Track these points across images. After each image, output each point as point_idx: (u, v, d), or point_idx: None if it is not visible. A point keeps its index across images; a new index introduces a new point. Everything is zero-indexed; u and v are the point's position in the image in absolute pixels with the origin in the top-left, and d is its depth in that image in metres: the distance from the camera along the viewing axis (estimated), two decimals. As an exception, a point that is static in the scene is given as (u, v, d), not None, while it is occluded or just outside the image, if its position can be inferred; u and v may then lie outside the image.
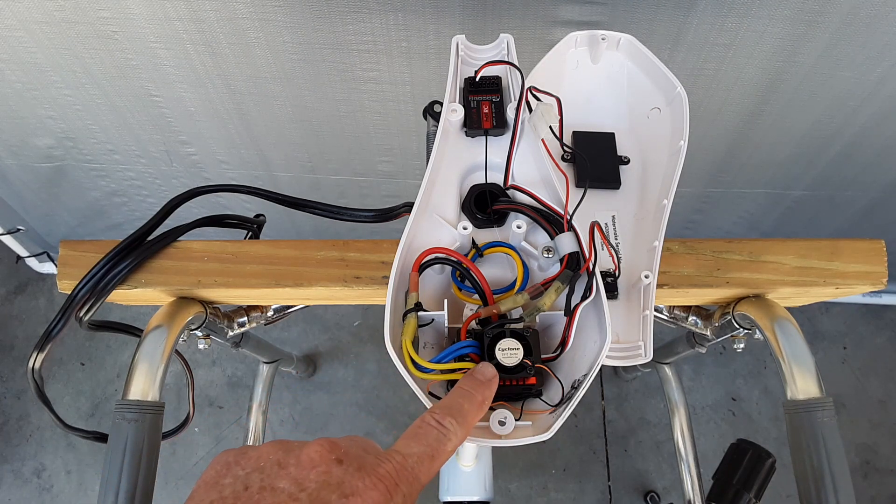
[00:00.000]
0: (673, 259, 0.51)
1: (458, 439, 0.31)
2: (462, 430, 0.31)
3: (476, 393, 0.33)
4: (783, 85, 0.78)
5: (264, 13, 0.69)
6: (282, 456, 0.28)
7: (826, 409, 0.46)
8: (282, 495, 0.26)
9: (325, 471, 0.27)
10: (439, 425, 0.31)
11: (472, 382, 0.34)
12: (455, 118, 0.44)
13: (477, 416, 0.33)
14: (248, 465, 0.28)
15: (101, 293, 0.48)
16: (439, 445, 0.30)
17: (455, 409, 0.32)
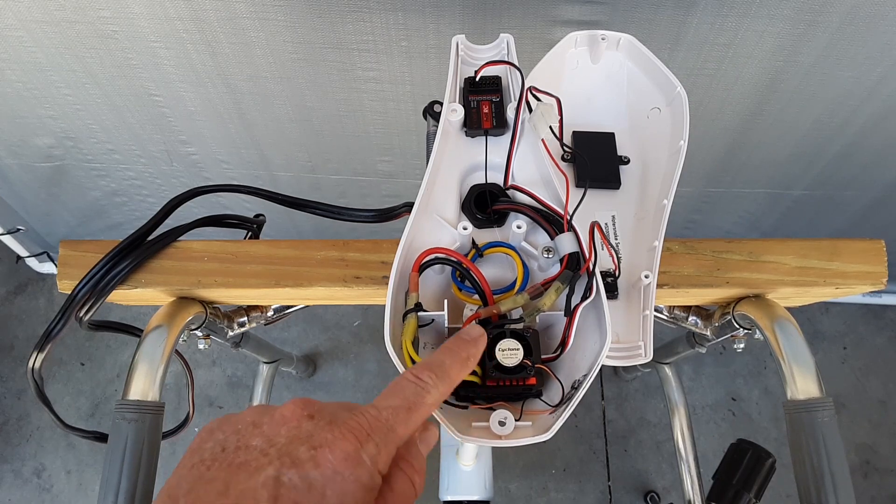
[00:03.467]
0: (673, 259, 0.51)
1: (439, 393, 0.31)
2: (442, 385, 0.31)
3: (460, 350, 0.33)
4: (783, 84, 0.78)
5: (264, 13, 0.69)
6: (257, 417, 0.29)
7: (826, 409, 0.46)
8: (254, 452, 0.27)
9: (296, 426, 0.28)
10: (417, 379, 0.31)
11: (457, 341, 0.34)
12: (455, 118, 0.44)
13: (460, 372, 0.32)
14: (227, 429, 0.29)
15: (101, 293, 0.48)
16: (416, 398, 0.30)
17: (435, 365, 0.31)
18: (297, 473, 0.26)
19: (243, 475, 0.26)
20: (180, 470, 0.28)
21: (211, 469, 0.27)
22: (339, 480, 0.26)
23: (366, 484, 0.27)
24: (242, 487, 0.26)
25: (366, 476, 0.27)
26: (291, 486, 0.25)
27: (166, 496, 0.27)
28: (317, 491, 0.26)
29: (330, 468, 0.26)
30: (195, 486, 0.26)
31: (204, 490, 0.26)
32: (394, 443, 0.28)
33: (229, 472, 0.26)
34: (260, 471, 0.26)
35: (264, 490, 0.25)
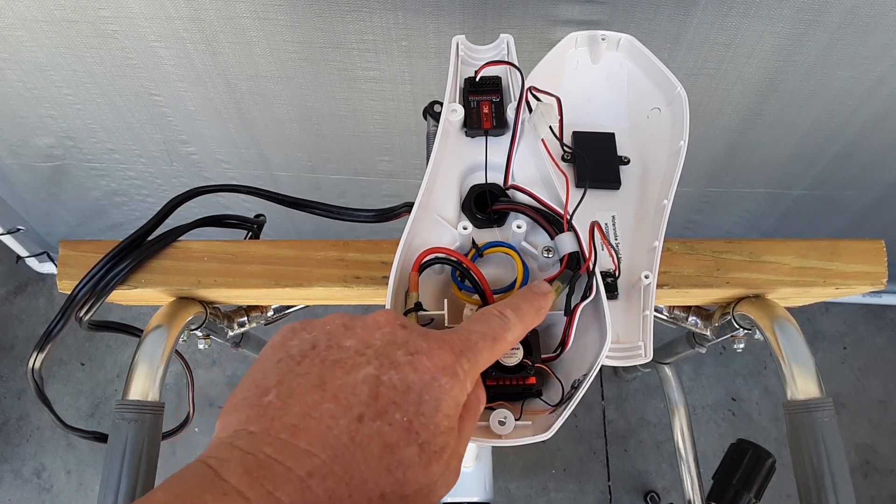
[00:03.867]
0: (673, 259, 0.51)
1: (517, 332, 0.32)
2: (520, 325, 0.32)
3: (534, 300, 0.34)
4: (783, 84, 0.78)
5: (264, 12, 0.69)
6: (348, 321, 0.29)
7: (826, 409, 0.46)
8: (349, 352, 0.27)
9: (391, 332, 0.28)
10: (500, 314, 0.31)
11: (530, 292, 0.34)
12: (455, 118, 0.44)
13: (533, 319, 0.33)
14: (314, 330, 0.29)
15: (101, 293, 0.48)
16: (500, 330, 0.31)
17: (514, 306, 0.32)
18: (397, 375, 0.26)
19: (340, 371, 0.26)
20: (264, 364, 0.28)
21: (301, 364, 0.27)
22: (435, 387, 0.27)
23: (456, 396, 0.27)
24: (340, 382, 0.26)
25: (458, 388, 0.27)
26: (391, 386, 0.26)
27: (253, 386, 0.27)
28: (414, 394, 0.26)
29: (428, 374, 0.27)
30: (285, 378, 0.27)
31: (297, 382, 0.26)
32: (479, 366, 0.29)
33: (323, 367, 0.27)
34: (358, 368, 0.26)
35: (364, 386, 0.26)
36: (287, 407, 0.25)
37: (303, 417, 0.25)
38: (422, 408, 0.26)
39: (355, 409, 0.25)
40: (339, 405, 0.25)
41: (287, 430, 0.24)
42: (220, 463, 0.24)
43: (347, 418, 0.25)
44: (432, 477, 0.26)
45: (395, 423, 0.25)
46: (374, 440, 0.25)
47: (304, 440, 0.24)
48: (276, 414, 0.25)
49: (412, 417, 0.26)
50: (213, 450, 0.25)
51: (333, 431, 0.25)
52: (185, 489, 0.23)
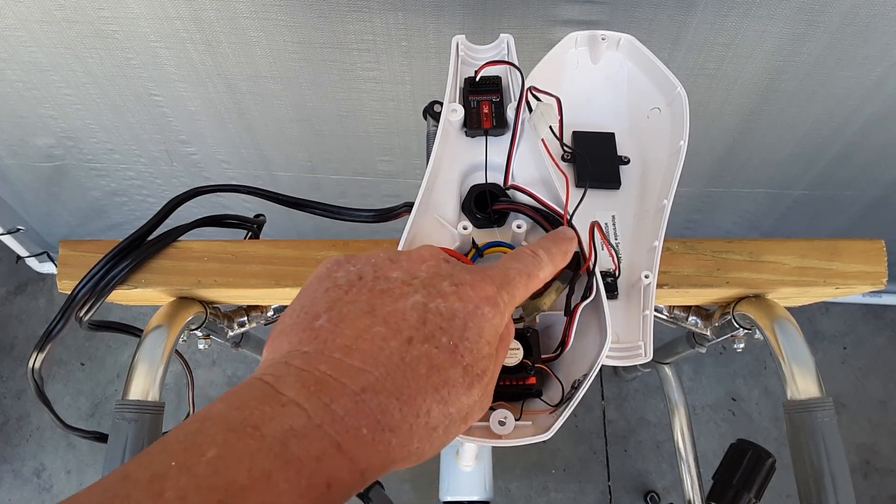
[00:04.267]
0: (673, 259, 0.51)
1: (548, 271, 0.33)
2: (551, 265, 0.33)
3: (561, 243, 0.35)
4: (783, 84, 0.78)
5: (264, 12, 0.69)
6: (392, 254, 0.30)
7: (826, 409, 0.46)
8: (395, 282, 0.28)
9: (435, 265, 0.30)
10: (533, 253, 0.33)
11: (557, 237, 0.36)
12: (455, 118, 0.44)
13: (562, 261, 0.35)
14: (359, 263, 0.30)
15: (101, 293, 0.48)
16: (534, 268, 0.32)
17: (545, 247, 0.34)
18: (443, 303, 0.28)
19: (388, 299, 0.27)
20: (311, 293, 0.29)
21: (349, 293, 0.28)
22: (479, 315, 0.28)
23: (496, 325, 0.29)
24: (390, 309, 0.27)
25: (498, 318, 0.29)
26: (437, 313, 0.27)
27: (302, 312, 0.28)
28: (459, 321, 0.27)
29: (472, 304, 0.28)
30: (335, 304, 0.28)
31: (347, 309, 0.27)
32: (516, 299, 0.31)
33: (371, 295, 0.28)
34: (406, 297, 0.28)
35: (413, 312, 0.27)
36: (339, 330, 0.26)
37: (355, 339, 0.26)
38: (466, 333, 0.27)
39: (405, 332, 0.26)
40: (390, 329, 0.26)
41: (340, 350, 0.26)
42: (276, 378, 0.24)
43: (398, 340, 0.26)
44: (473, 397, 0.28)
45: (442, 346, 0.27)
46: (423, 361, 0.26)
47: (357, 359, 0.25)
48: (328, 336, 0.26)
49: (457, 342, 0.27)
50: (268, 367, 0.26)
51: (385, 352, 0.26)
52: (244, 401, 0.24)
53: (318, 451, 0.23)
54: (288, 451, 0.22)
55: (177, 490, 0.20)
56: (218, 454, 0.21)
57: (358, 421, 0.24)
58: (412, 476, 1.32)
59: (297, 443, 0.22)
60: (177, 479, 0.21)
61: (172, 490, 0.20)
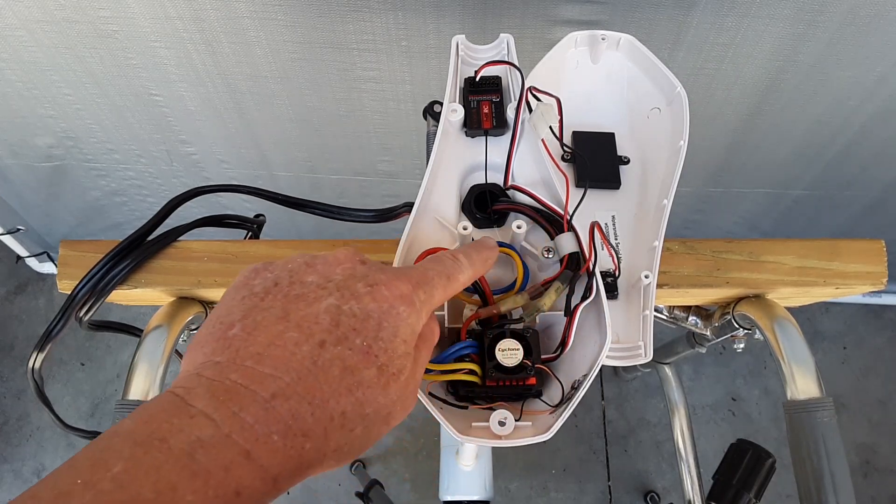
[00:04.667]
0: (673, 259, 0.51)
1: (468, 275, 0.34)
2: (471, 270, 0.34)
3: (481, 251, 0.36)
4: (783, 84, 0.78)
5: (264, 12, 0.69)
6: (309, 259, 0.31)
7: (826, 409, 0.46)
8: (310, 286, 0.29)
9: (351, 267, 0.30)
10: (453, 257, 0.34)
11: (478, 245, 0.37)
12: (455, 118, 0.44)
13: (482, 267, 0.36)
14: (276, 269, 0.30)
15: (101, 293, 0.48)
16: (453, 271, 0.33)
17: (465, 253, 0.35)
18: (357, 304, 0.28)
19: (302, 304, 0.28)
20: (228, 302, 0.29)
21: (265, 300, 0.28)
22: (393, 315, 0.28)
23: (413, 324, 0.29)
24: (303, 313, 0.27)
25: (414, 317, 0.29)
26: (351, 314, 0.27)
27: (217, 322, 0.28)
28: (374, 321, 0.28)
29: (387, 303, 0.28)
30: (250, 312, 0.28)
31: (261, 316, 0.27)
32: (434, 300, 0.31)
33: (286, 301, 0.28)
34: (320, 300, 0.28)
35: (326, 315, 0.27)
36: (252, 338, 0.26)
37: (267, 346, 0.26)
38: (380, 333, 0.28)
39: (317, 335, 0.27)
40: (302, 333, 0.27)
41: (252, 358, 0.26)
42: (186, 391, 0.24)
43: (310, 344, 0.26)
44: (390, 397, 0.28)
45: (356, 347, 0.27)
46: (336, 363, 0.26)
47: (268, 366, 0.25)
48: (241, 345, 0.26)
49: (371, 342, 0.27)
50: (180, 381, 0.26)
51: (297, 357, 0.26)
52: (152, 415, 0.24)
53: (227, 461, 0.23)
54: (195, 463, 0.22)
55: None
56: (124, 468, 0.21)
57: (268, 428, 0.24)
58: (412, 476, 1.32)
59: (204, 453, 0.22)
60: (82, 496, 0.21)
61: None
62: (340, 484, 1.32)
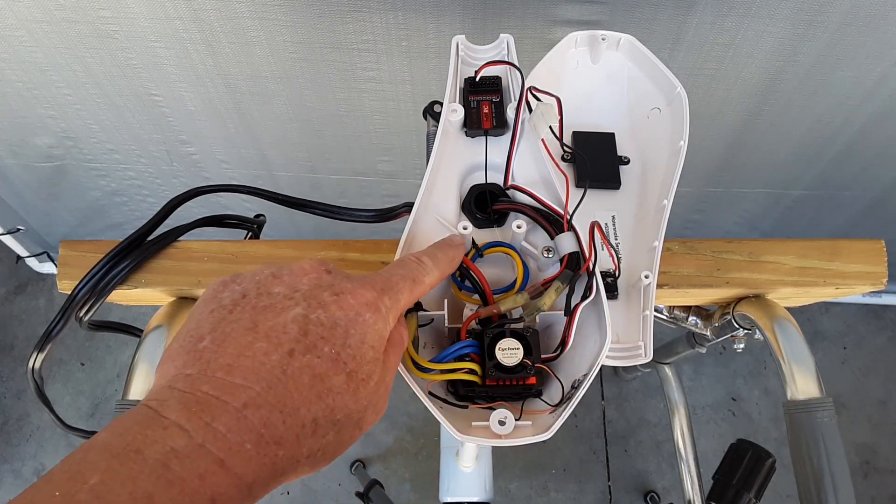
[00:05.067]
0: (673, 259, 0.51)
1: (434, 277, 0.35)
2: (436, 271, 0.35)
3: (447, 250, 0.37)
4: (783, 84, 0.78)
5: (264, 12, 0.69)
6: (275, 270, 0.31)
7: (826, 409, 0.46)
8: (278, 297, 0.29)
9: (317, 277, 0.30)
10: (417, 260, 0.34)
11: (444, 244, 0.38)
12: (455, 118, 0.44)
13: (447, 267, 0.36)
14: (243, 282, 0.31)
15: (101, 293, 0.48)
16: (418, 274, 0.34)
17: (430, 254, 0.36)
18: (324, 313, 0.28)
19: (270, 314, 0.28)
20: (197, 316, 0.29)
21: (234, 312, 0.29)
22: (360, 322, 0.29)
23: (380, 330, 0.30)
24: (271, 324, 0.28)
25: (381, 323, 0.30)
26: (318, 323, 0.28)
27: (188, 336, 0.28)
28: (341, 329, 0.28)
29: (353, 311, 0.29)
30: (219, 325, 0.28)
31: (230, 328, 0.28)
32: (400, 304, 0.32)
33: (254, 313, 0.28)
34: (287, 310, 0.28)
35: (294, 325, 0.28)
36: (221, 350, 0.27)
37: (237, 357, 0.26)
38: (348, 340, 0.28)
39: (286, 345, 0.27)
40: (271, 343, 0.27)
41: (222, 369, 0.26)
42: (159, 403, 0.25)
43: (279, 354, 0.27)
44: (360, 402, 0.28)
45: (324, 355, 0.27)
46: (305, 371, 0.27)
47: (238, 376, 0.26)
48: (211, 357, 0.27)
49: (339, 350, 0.28)
50: (153, 394, 0.26)
51: (266, 366, 0.26)
52: (127, 427, 0.24)
53: (201, 470, 0.23)
54: (170, 472, 0.23)
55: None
56: (100, 480, 0.22)
57: (241, 437, 0.24)
58: (412, 476, 1.32)
59: (178, 463, 0.23)
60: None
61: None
62: (340, 484, 1.32)
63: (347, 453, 1.33)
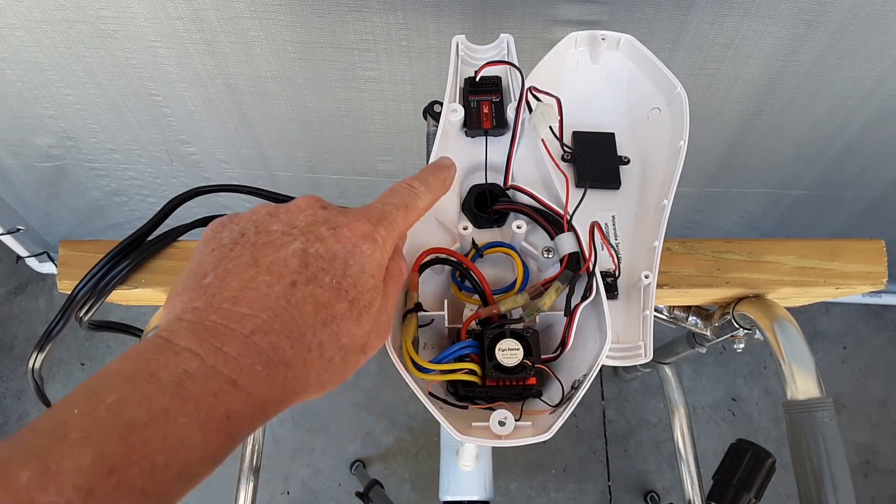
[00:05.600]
0: (673, 259, 0.51)
1: (426, 200, 0.36)
2: (429, 195, 0.36)
3: (438, 173, 0.38)
4: (783, 84, 0.78)
5: (264, 12, 0.69)
6: (272, 209, 0.32)
7: (826, 409, 0.46)
8: (276, 234, 0.30)
9: (312, 213, 0.31)
10: (409, 186, 0.35)
11: (435, 167, 0.38)
12: (455, 118, 0.44)
13: (439, 190, 0.37)
14: (241, 221, 0.31)
15: (101, 293, 0.48)
16: (411, 200, 0.34)
17: (421, 179, 0.36)
18: (322, 246, 0.29)
19: (270, 250, 0.29)
20: (198, 256, 0.30)
21: (234, 250, 0.30)
22: (358, 253, 0.30)
23: (378, 259, 0.31)
24: (272, 258, 0.29)
25: (378, 252, 0.31)
26: (318, 256, 0.29)
27: (191, 274, 0.29)
28: (340, 260, 0.29)
29: (350, 243, 0.30)
30: (220, 262, 0.29)
31: (232, 264, 0.29)
32: (396, 233, 0.33)
33: (254, 249, 0.29)
34: (286, 245, 0.29)
35: (294, 258, 0.29)
36: (225, 284, 0.28)
37: (241, 290, 0.27)
38: (347, 271, 0.29)
39: (288, 277, 0.28)
40: (273, 276, 0.28)
41: (228, 301, 0.27)
42: (169, 333, 0.26)
43: (282, 285, 0.28)
44: (364, 328, 0.30)
45: (325, 285, 0.28)
46: (308, 301, 0.28)
47: (244, 306, 0.27)
48: (216, 290, 0.28)
49: (340, 279, 0.29)
50: (162, 327, 0.27)
51: (270, 297, 0.27)
52: (139, 354, 0.25)
53: (215, 389, 0.24)
54: (184, 391, 0.24)
55: (80, 432, 0.22)
56: (117, 399, 0.23)
57: (251, 360, 0.26)
58: (412, 476, 1.32)
59: (192, 383, 0.24)
60: (79, 423, 0.22)
61: (76, 432, 0.22)
62: (340, 484, 1.32)
63: (347, 453, 1.33)
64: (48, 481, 0.20)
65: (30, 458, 0.21)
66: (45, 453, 0.21)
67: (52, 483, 0.20)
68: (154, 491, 0.22)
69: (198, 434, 0.23)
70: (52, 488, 0.20)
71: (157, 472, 0.22)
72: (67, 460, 0.21)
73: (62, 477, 0.20)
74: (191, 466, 0.23)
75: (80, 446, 0.21)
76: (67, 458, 0.21)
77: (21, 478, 0.20)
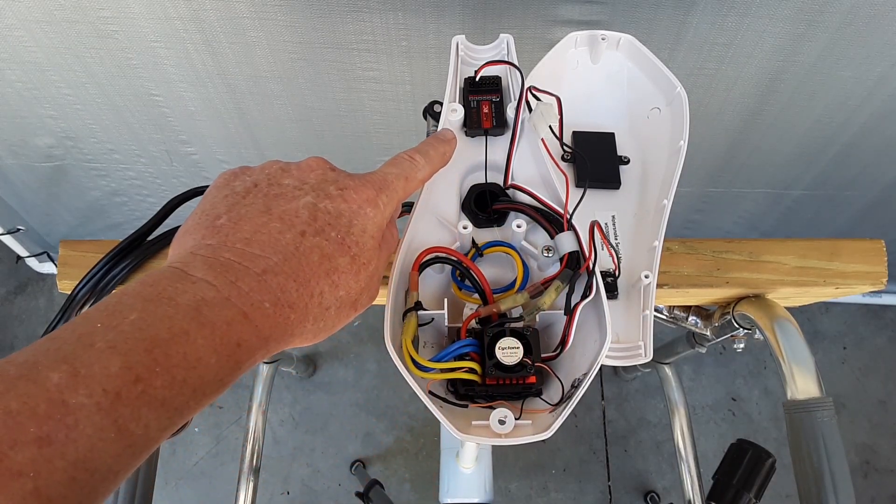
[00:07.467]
0: (673, 259, 0.51)
1: (426, 171, 0.38)
2: (428, 167, 0.38)
3: (438, 146, 0.40)
4: (783, 84, 0.78)
5: (264, 12, 0.69)
6: (284, 165, 0.34)
7: (826, 409, 0.46)
8: (288, 188, 0.32)
9: (322, 173, 0.33)
10: (410, 158, 0.38)
11: (435, 139, 0.40)
12: (455, 118, 0.44)
13: (439, 163, 0.39)
14: (253, 173, 0.33)
15: (101, 293, 0.48)
16: (411, 171, 0.37)
17: (422, 151, 0.39)
18: (331, 203, 0.31)
19: (282, 201, 0.31)
20: (211, 199, 0.32)
21: (247, 198, 0.31)
22: (362, 215, 0.32)
23: (378, 223, 0.33)
24: (284, 208, 0.30)
25: (379, 217, 0.33)
26: (326, 212, 0.31)
27: (203, 214, 0.31)
28: (345, 219, 0.31)
29: (356, 204, 0.32)
30: (234, 207, 0.31)
31: (245, 210, 0.30)
32: (395, 201, 0.35)
33: (267, 199, 0.31)
34: (298, 198, 0.31)
35: (305, 210, 0.31)
36: (238, 227, 0.29)
37: (254, 233, 0.29)
38: (352, 229, 0.31)
39: (298, 226, 0.30)
40: (284, 224, 0.30)
41: (241, 242, 0.29)
42: (185, 264, 0.27)
43: (292, 233, 0.30)
44: (360, 283, 0.32)
45: (331, 238, 0.30)
46: (315, 250, 0.30)
47: (256, 248, 0.28)
48: (229, 231, 0.29)
49: (344, 235, 0.31)
50: (175, 260, 0.28)
51: (281, 242, 0.29)
52: (156, 280, 0.26)
53: (228, 318, 0.26)
54: (202, 316, 0.25)
55: (107, 342, 0.23)
56: (139, 317, 0.24)
57: (261, 296, 0.27)
58: (412, 476, 1.32)
59: (208, 310, 0.26)
60: (104, 335, 0.23)
61: (102, 342, 0.23)
62: (340, 484, 1.32)
63: (347, 453, 1.33)
64: (79, 383, 0.21)
65: (59, 361, 0.22)
66: (74, 358, 0.22)
67: (83, 385, 0.21)
68: (172, 404, 0.23)
69: (212, 356, 0.25)
70: (83, 390, 0.21)
71: (177, 385, 0.24)
72: (97, 365, 0.22)
73: (92, 380, 0.22)
74: (204, 386, 0.25)
75: (108, 354, 0.22)
76: (97, 363, 0.22)
77: (51, 378, 0.21)
